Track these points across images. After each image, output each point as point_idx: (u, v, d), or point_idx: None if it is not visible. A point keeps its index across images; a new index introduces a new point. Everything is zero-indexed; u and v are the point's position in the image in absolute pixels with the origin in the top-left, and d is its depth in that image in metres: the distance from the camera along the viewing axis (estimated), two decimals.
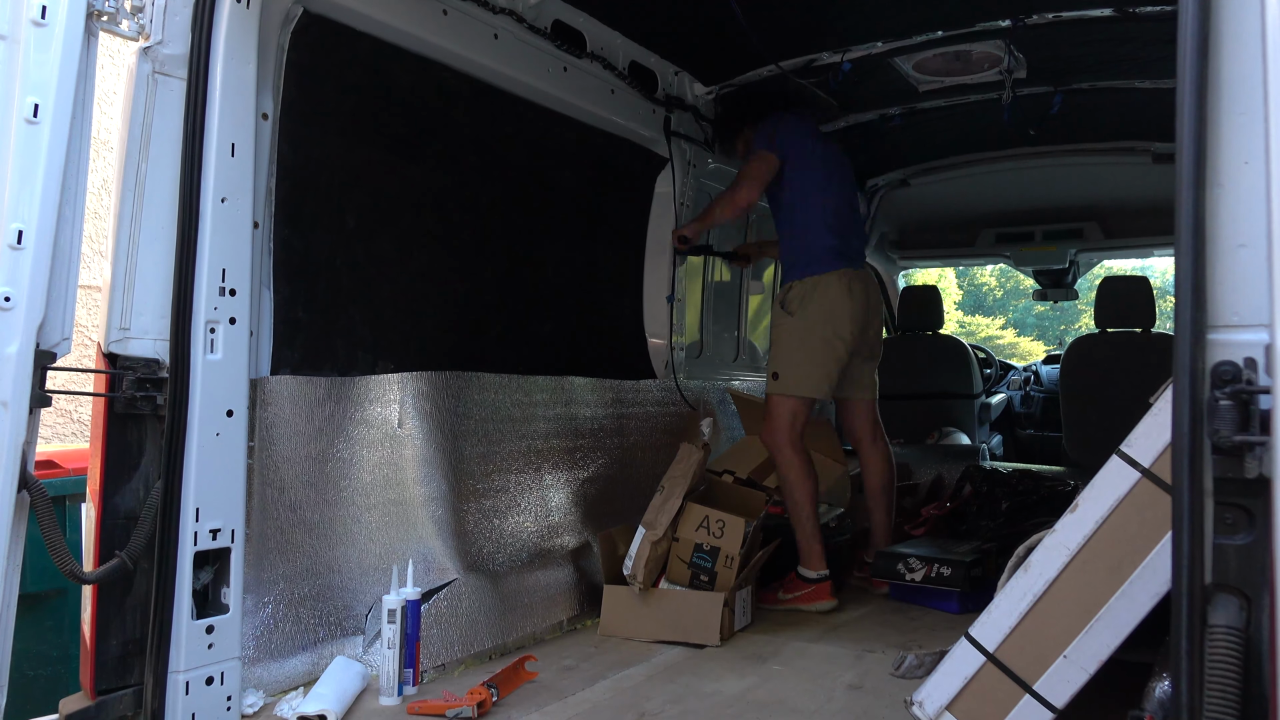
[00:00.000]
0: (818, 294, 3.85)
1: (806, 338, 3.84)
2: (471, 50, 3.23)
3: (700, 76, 4.43)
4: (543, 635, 3.37)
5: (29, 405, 1.99)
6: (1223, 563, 1.44)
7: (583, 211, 4.12)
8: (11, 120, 1.98)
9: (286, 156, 2.73)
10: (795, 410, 3.84)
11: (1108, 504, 1.87)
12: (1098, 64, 4.22)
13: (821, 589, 3.74)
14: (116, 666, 2.28)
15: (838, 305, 3.85)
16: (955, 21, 3.88)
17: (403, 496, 3.13)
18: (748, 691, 2.79)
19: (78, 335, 2.17)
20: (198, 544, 2.34)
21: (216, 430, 2.38)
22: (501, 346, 3.63)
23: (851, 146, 5.41)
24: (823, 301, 3.84)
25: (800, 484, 3.79)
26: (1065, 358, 5.79)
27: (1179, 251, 1.46)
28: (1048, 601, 1.93)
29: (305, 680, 2.69)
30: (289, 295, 2.78)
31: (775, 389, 3.87)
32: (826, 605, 3.72)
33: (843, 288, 3.87)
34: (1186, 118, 1.46)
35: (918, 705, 2.05)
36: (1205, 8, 1.47)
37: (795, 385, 3.84)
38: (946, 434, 6.40)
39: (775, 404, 3.87)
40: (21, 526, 2.02)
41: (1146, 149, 5.24)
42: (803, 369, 3.84)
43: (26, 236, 1.99)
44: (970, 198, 6.16)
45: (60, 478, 3.02)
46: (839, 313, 3.85)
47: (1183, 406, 1.42)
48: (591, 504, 3.95)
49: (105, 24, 2.18)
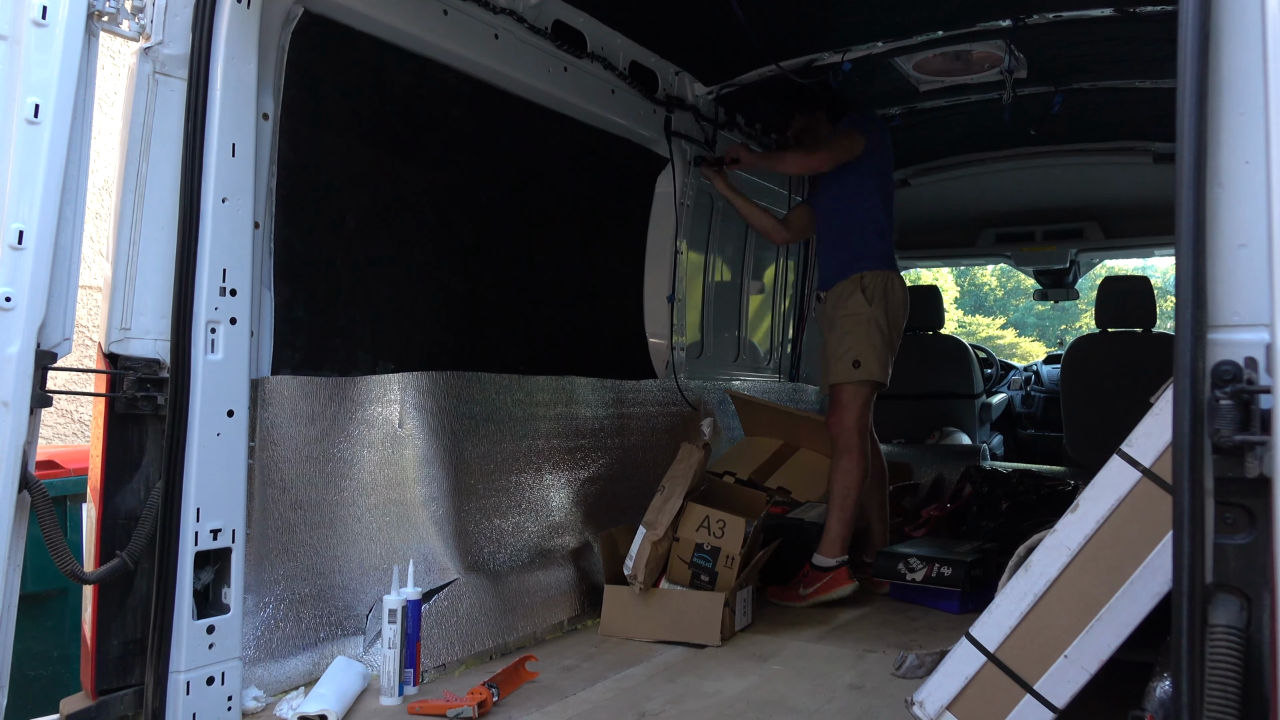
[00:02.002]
0: (894, 287, 4.00)
1: (885, 328, 3.95)
2: (472, 50, 3.23)
3: (700, 76, 4.43)
4: (543, 635, 3.37)
5: (30, 405, 2.00)
6: (1223, 562, 1.44)
7: (583, 211, 4.12)
8: (12, 120, 1.98)
9: (287, 157, 2.73)
10: (870, 398, 3.96)
11: (1108, 504, 1.87)
12: (1098, 64, 4.22)
13: (840, 575, 3.78)
14: (117, 666, 2.29)
15: (904, 303, 4.04)
16: (956, 21, 3.89)
17: (403, 496, 3.13)
18: (748, 691, 2.79)
19: (78, 335, 2.17)
20: (198, 544, 2.34)
21: (217, 430, 2.38)
22: (502, 346, 3.63)
23: None
24: (894, 296, 4.00)
25: (856, 472, 3.87)
26: (1066, 358, 5.79)
27: (1179, 251, 1.46)
28: (1048, 601, 1.93)
29: (306, 680, 2.69)
30: (289, 295, 2.78)
31: (857, 376, 3.91)
32: (849, 589, 3.77)
33: (904, 287, 4.07)
34: (1187, 117, 1.46)
35: (918, 705, 2.05)
36: (1205, 8, 1.47)
37: (879, 371, 3.92)
38: (947, 434, 6.40)
39: (853, 393, 3.92)
40: (22, 526, 2.02)
41: (1147, 149, 5.24)
42: (883, 357, 3.94)
43: (27, 237, 1.99)
44: (971, 197, 6.16)
45: (61, 478, 3.02)
46: (902, 311, 4.03)
47: (1183, 406, 1.42)
48: (592, 504, 3.94)
49: (106, 24, 2.18)
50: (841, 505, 3.85)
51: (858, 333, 3.93)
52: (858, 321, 3.94)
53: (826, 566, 3.78)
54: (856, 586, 3.78)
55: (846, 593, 3.75)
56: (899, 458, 5.67)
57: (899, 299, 4.02)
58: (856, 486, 3.86)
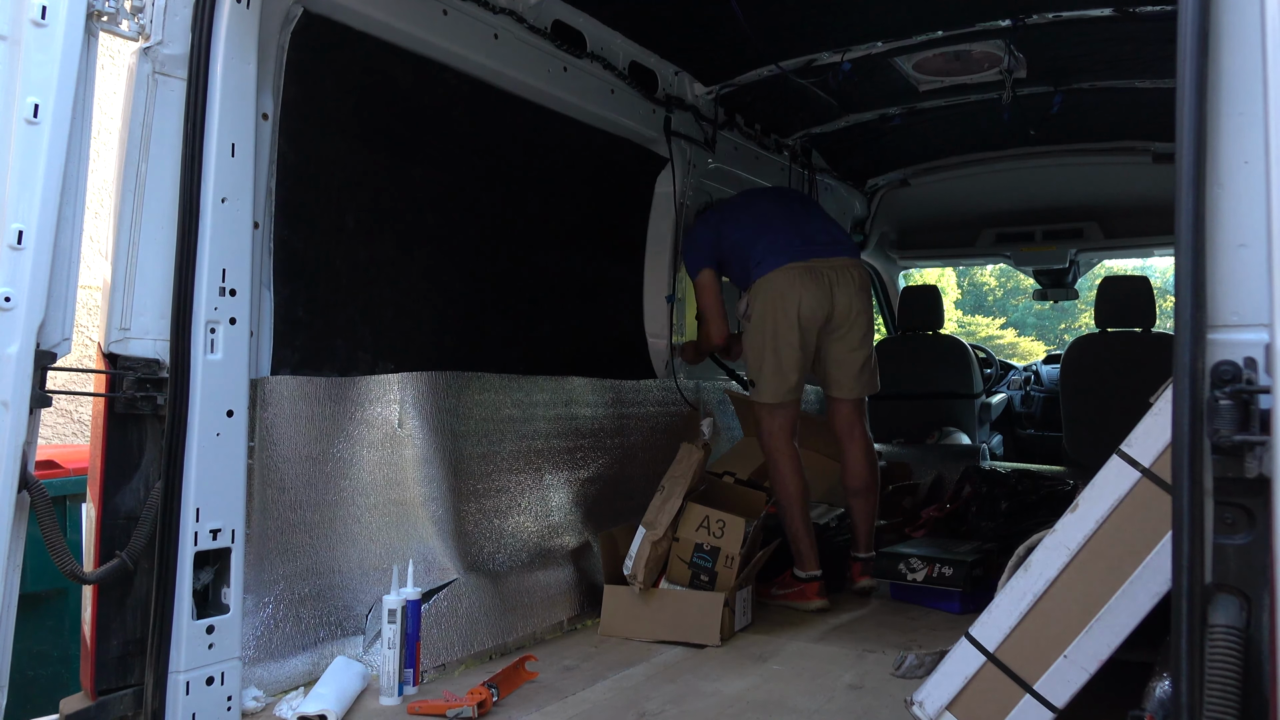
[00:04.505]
0: (760, 295, 3.80)
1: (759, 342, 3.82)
2: (471, 50, 3.23)
3: (700, 76, 4.43)
4: (543, 635, 3.37)
5: (29, 405, 1.99)
6: (1223, 562, 1.44)
7: (583, 211, 4.11)
8: (12, 120, 1.98)
9: (287, 156, 2.73)
10: (768, 415, 3.86)
11: (1108, 504, 1.87)
12: (1098, 64, 4.22)
13: (808, 589, 3.74)
14: (117, 666, 2.28)
15: (780, 301, 3.75)
16: (955, 21, 3.89)
17: (403, 496, 3.13)
18: (748, 691, 2.79)
19: (78, 335, 2.17)
20: (198, 544, 2.33)
21: (217, 430, 2.38)
22: (502, 346, 3.63)
23: (851, 146, 5.43)
24: (765, 301, 3.78)
25: (782, 487, 3.82)
26: (1065, 357, 5.79)
27: (1179, 251, 1.46)
28: (1048, 601, 1.93)
29: (306, 680, 2.69)
30: (289, 295, 2.78)
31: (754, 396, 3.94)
32: (813, 605, 3.71)
33: (785, 281, 3.75)
34: (1186, 117, 1.46)
35: (918, 705, 2.05)
36: (1205, 7, 1.47)
37: (758, 392, 3.88)
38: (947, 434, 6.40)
39: (755, 411, 3.92)
40: (22, 526, 2.02)
41: (1146, 149, 5.24)
42: (763, 375, 3.84)
43: (27, 237, 1.99)
44: (970, 198, 6.16)
45: (61, 478, 3.02)
46: (781, 309, 3.75)
47: (1183, 406, 1.42)
48: (592, 504, 3.94)
49: (105, 24, 2.18)
50: (782, 519, 3.84)
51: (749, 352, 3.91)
52: (748, 341, 3.91)
53: (799, 578, 3.79)
54: (824, 605, 3.70)
55: (810, 608, 3.70)
56: (899, 458, 5.67)
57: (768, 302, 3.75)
58: (789, 500, 3.79)
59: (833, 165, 5.69)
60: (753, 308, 3.84)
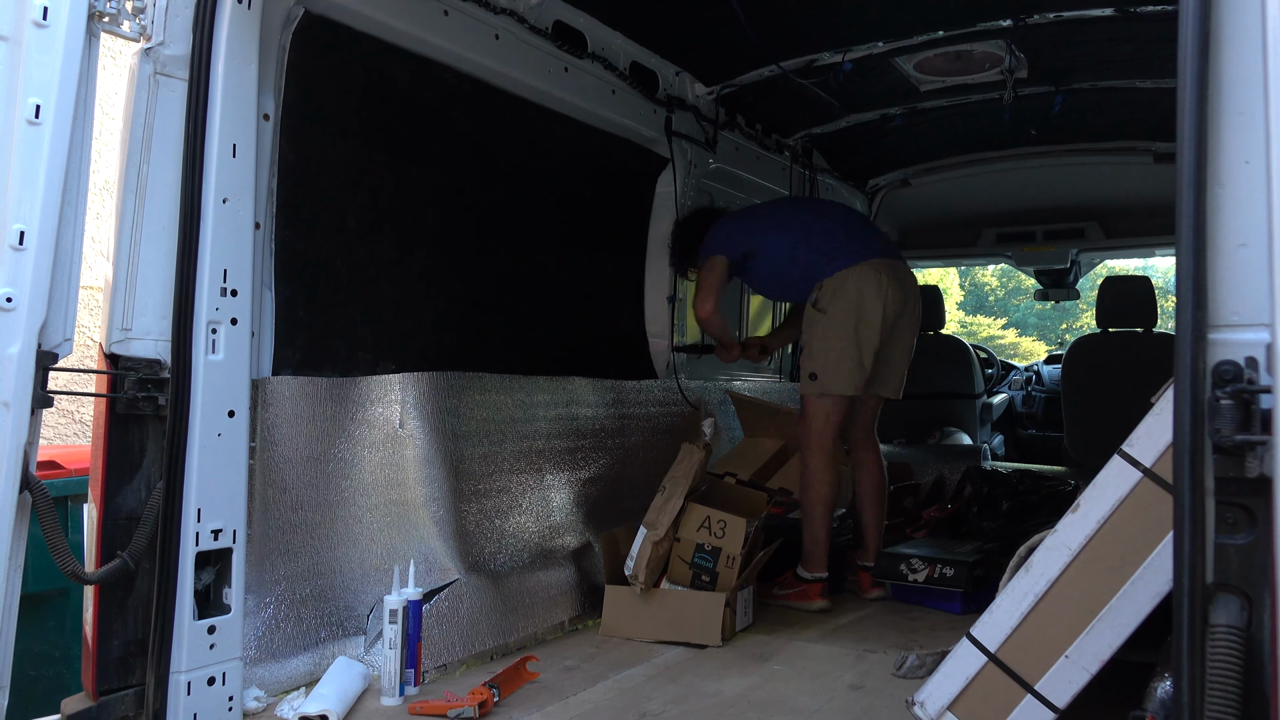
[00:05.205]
0: (844, 286, 3.74)
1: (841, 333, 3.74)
2: (472, 51, 3.23)
3: (701, 77, 4.43)
4: (544, 635, 3.37)
5: (31, 406, 2.00)
6: (1224, 562, 1.44)
7: (584, 212, 4.12)
8: (13, 121, 1.99)
9: (288, 157, 2.73)
10: (829, 411, 3.80)
11: (1109, 504, 1.87)
12: (1098, 64, 4.22)
13: (811, 589, 3.75)
14: (118, 667, 2.28)
15: (869, 292, 3.73)
16: (956, 21, 3.89)
17: (404, 497, 3.14)
18: (749, 691, 2.79)
19: (79, 336, 2.17)
20: (199, 544, 2.34)
21: (218, 431, 2.38)
22: (502, 347, 3.63)
23: (852, 146, 5.43)
24: (850, 292, 3.73)
25: (819, 484, 3.79)
26: (1067, 358, 5.79)
27: (1180, 251, 1.46)
28: (1049, 601, 1.93)
29: (307, 680, 2.69)
30: (290, 296, 2.78)
31: (811, 389, 3.80)
32: (815, 606, 3.72)
33: (873, 275, 3.75)
34: (1187, 117, 1.46)
35: (919, 705, 2.05)
36: (1205, 7, 1.47)
37: (829, 383, 3.76)
38: (948, 434, 6.40)
39: (809, 404, 3.83)
40: (23, 527, 2.03)
41: (1147, 149, 5.24)
42: (841, 365, 3.74)
43: (28, 237, 1.99)
44: (971, 198, 6.16)
45: (62, 478, 3.02)
46: (871, 301, 3.73)
47: (1184, 406, 1.42)
48: (593, 504, 3.95)
49: (107, 25, 2.18)
50: (806, 519, 3.82)
51: (811, 343, 3.81)
52: (811, 333, 3.81)
53: (804, 578, 3.78)
54: (825, 606, 3.71)
55: (812, 608, 3.71)
56: (900, 458, 5.66)
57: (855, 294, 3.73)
58: (820, 501, 3.77)
59: (833, 165, 5.69)
60: (833, 299, 3.74)
